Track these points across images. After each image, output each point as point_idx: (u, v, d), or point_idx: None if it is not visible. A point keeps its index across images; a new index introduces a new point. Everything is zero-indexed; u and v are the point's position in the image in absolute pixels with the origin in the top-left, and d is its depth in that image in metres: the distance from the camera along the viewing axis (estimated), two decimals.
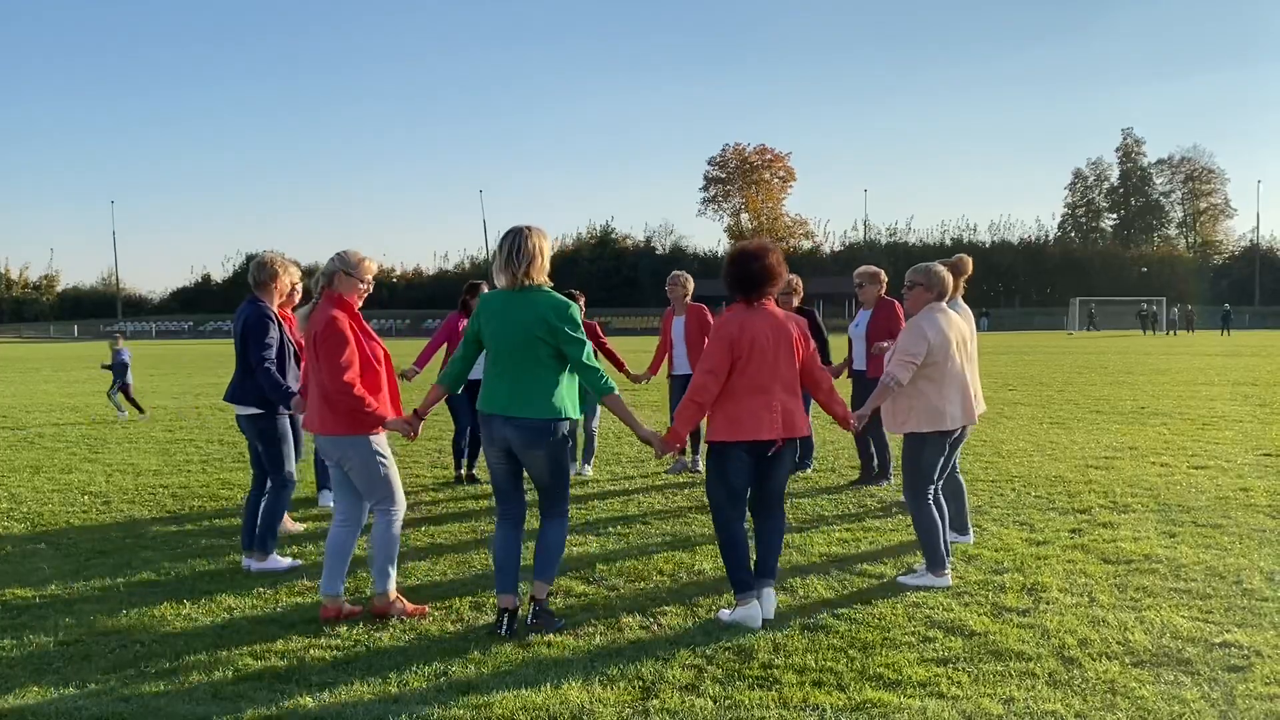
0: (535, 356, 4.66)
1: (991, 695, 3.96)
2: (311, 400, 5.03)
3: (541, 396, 4.68)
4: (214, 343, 65.65)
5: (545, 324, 4.64)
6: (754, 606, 4.88)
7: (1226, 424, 12.23)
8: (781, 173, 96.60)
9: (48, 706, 3.94)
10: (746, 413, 4.88)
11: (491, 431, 4.76)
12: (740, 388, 4.88)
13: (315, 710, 3.89)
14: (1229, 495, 7.76)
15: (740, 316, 4.94)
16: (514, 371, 4.69)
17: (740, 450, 4.91)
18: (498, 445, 4.78)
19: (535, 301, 4.68)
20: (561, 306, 4.68)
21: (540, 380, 4.68)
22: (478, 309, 4.83)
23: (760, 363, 4.87)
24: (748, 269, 4.95)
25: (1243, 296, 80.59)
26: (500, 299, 4.75)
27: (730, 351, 4.85)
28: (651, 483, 8.72)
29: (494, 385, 4.74)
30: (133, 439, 12.14)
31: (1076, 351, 33.44)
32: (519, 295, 4.71)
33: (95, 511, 7.75)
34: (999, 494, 7.96)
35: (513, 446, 4.74)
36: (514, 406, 4.67)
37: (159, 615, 5.10)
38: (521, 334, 4.65)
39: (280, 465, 5.99)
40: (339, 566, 5.02)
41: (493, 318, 4.73)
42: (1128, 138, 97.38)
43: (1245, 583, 5.42)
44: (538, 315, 4.65)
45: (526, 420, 4.66)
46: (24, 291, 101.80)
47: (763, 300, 5.00)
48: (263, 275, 6.04)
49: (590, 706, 3.89)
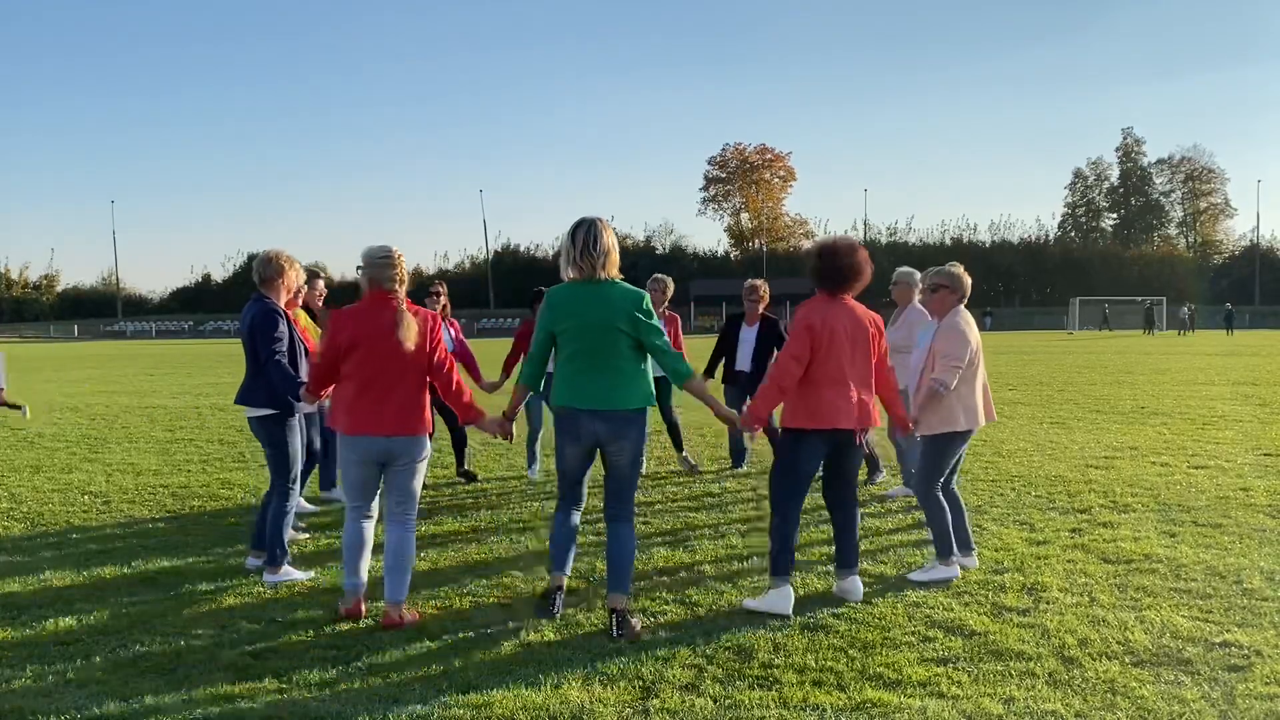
0: (618, 348, 4.72)
1: (991, 695, 3.96)
2: (382, 402, 4.84)
3: (630, 387, 4.75)
4: (214, 343, 65.63)
5: (626, 315, 4.70)
6: (786, 590, 5.03)
7: (1226, 424, 12.23)
8: (781, 172, 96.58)
9: (48, 706, 3.94)
10: (825, 402, 5.05)
11: (579, 426, 4.77)
12: (819, 378, 5.05)
13: (315, 710, 3.89)
14: (1229, 495, 7.76)
15: (823, 308, 5.10)
16: (599, 364, 4.72)
17: (818, 439, 5.09)
18: (585, 441, 4.80)
19: (613, 294, 4.73)
20: (638, 296, 4.77)
21: (625, 372, 4.74)
22: (549, 304, 4.82)
23: (839, 355, 5.06)
24: (836, 264, 5.11)
25: (1243, 296, 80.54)
26: (575, 292, 4.75)
27: (814, 341, 5.01)
28: (652, 483, 8.72)
29: (577, 380, 4.75)
30: (133, 439, 12.14)
31: (1076, 351, 33.43)
32: (596, 288, 4.73)
33: (95, 511, 7.75)
34: (999, 494, 7.96)
35: (601, 439, 4.78)
36: (604, 400, 4.72)
37: (159, 615, 5.10)
38: (602, 326, 4.69)
39: (287, 470, 5.83)
40: (360, 560, 5.03)
41: (568, 312, 4.74)
42: (1128, 138, 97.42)
43: (1245, 583, 5.42)
44: (619, 306, 4.70)
45: (620, 412, 4.73)
46: (24, 291, 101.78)
47: (845, 295, 5.17)
48: (268, 271, 5.95)
49: (590, 706, 3.89)
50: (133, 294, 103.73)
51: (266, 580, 5.69)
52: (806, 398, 5.07)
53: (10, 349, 47.25)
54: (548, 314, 4.81)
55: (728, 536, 6.66)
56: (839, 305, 5.14)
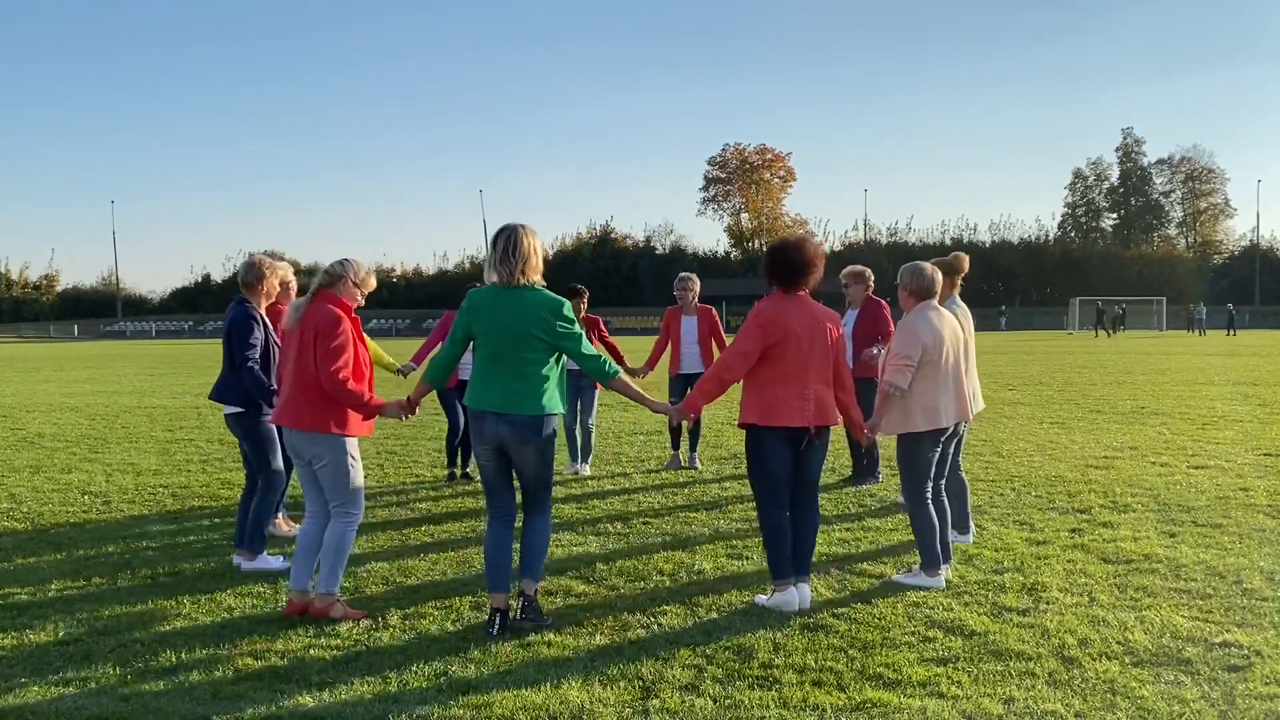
0: (528, 354, 4.73)
1: (991, 695, 3.96)
2: (284, 395, 5.05)
3: (534, 394, 4.75)
4: (214, 342, 65.59)
5: (541, 322, 4.72)
6: (791, 593, 5.06)
7: (1226, 424, 12.23)
8: (781, 173, 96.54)
9: (48, 706, 3.94)
10: (779, 400, 5.04)
11: (483, 428, 4.79)
12: (773, 375, 5.05)
13: (315, 710, 3.89)
14: (1229, 495, 7.76)
15: (777, 304, 5.11)
16: (506, 369, 4.74)
17: (776, 437, 5.07)
18: (489, 442, 4.81)
19: (529, 300, 4.74)
20: (556, 304, 4.77)
21: (532, 378, 4.75)
22: (467, 306, 4.85)
23: (795, 351, 5.03)
24: (788, 259, 5.13)
25: (1243, 296, 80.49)
26: (493, 296, 4.78)
27: (765, 337, 5.02)
28: (651, 482, 8.72)
29: (486, 382, 4.78)
30: (133, 439, 12.14)
31: (1076, 351, 33.43)
32: (512, 293, 4.75)
33: (95, 511, 7.75)
34: (999, 494, 7.96)
35: (505, 443, 4.78)
36: (507, 404, 4.73)
37: (159, 615, 5.10)
38: (515, 331, 4.71)
39: (267, 462, 6.03)
40: (308, 562, 5.05)
41: (485, 315, 4.76)
42: (1128, 138, 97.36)
43: (1245, 583, 5.42)
44: (533, 313, 4.72)
45: (520, 417, 4.73)
46: (24, 291, 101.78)
47: (800, 291, 5.17)
48: (250, 276, 6.13)
49: (590, 706, 3.89)
50: (133, 294, 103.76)
51: (243, 566, 5.86)
52: (762, 395, 5.08)
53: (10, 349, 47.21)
54: (466, 316, 4.84)
55: (728, 536, 6.66)
56: (795, 301, 5.14)
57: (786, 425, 5.04)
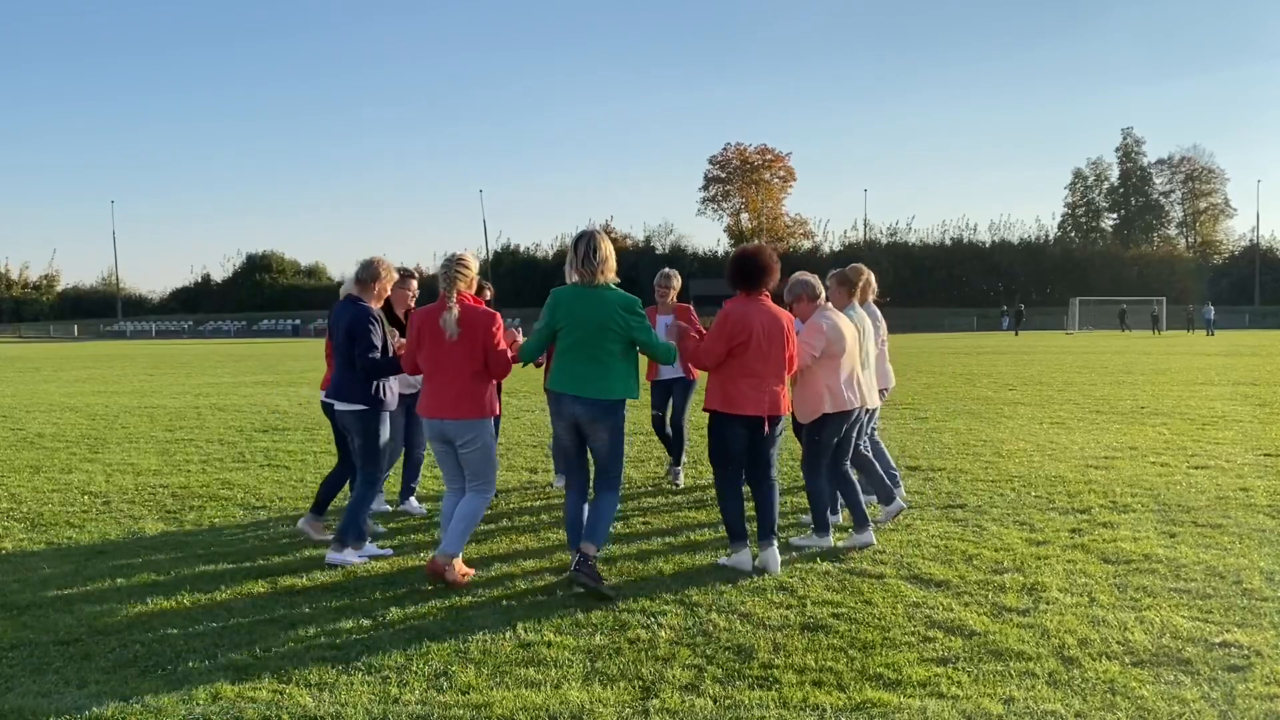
0: (605, 345, 5.39)
1: (991, 695, 3.96)
2: (443, 389, 5.50)
3: (608, 379, 5.41)
4: (214, 342, 65.64)
5: (617, 316, 5.39)
6: (745, 554, 5.79)
7: (1226, 424, 12.23)
8: (781, 173, 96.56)
9: (48, 706, 3.94)
10: (739, 392, 5.71)
11: (562, 408, 5.48)
12: (736, 370, 5.70)
13: (315, 710, 3.89)
14: (1229, 495, 7.76)
15: (741, 308, 5.74)
16: (584, 357, 5.40)
17: (736, 424, 5.73)
18: (566, 420, 5.49)
19: (607, 297, 5.42)
20: (630, 301, 5.47)
21: (607, 365, 5.41)
22: (553, 303, 5.50)
23: (755, 349, 5.68)
24: (746, 265, 5.79)
25: (1243, 296, 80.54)
26: (575, 294, 5.44)
27: (732, 337, 5.66)
28: (652, 482, 8.71)
29: (566, 368, 5.44)
30: (133, 439, 12.14)
31: (1076, 351, 33.43)
32: (593, 291, 5.42)
33: (95, 511, 7.75)
34: (999, 494, 7.96)
35: (580, 421, 5.45)
36: (584, 388, 5.39)
37: (159, 615, 5.10)
38: (595, 325, 5.38)
39: (376, 460, 6.11)
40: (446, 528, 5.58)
41: (569, 311, 5.42)
42: (1128, 138, 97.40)
43: (1245, 583, 5.42)
44: (610, 309, 5.39)
45: (595, 400, 5.39)
46: (24, 291, 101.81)
47: (760, 294, 5.80)
48: (365, 275, 6.17)
49: (590, 706, 3.89)
50: (133, 294, 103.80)
51: (328, 559, 5.96)
52: (726, 388, 5.74)
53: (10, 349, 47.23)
54: (552, 312, 5.47)
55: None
56: (756, 304, 5.77)
57: (744, 414, 5.69)
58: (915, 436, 11.44)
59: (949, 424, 12.59)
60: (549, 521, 7.13)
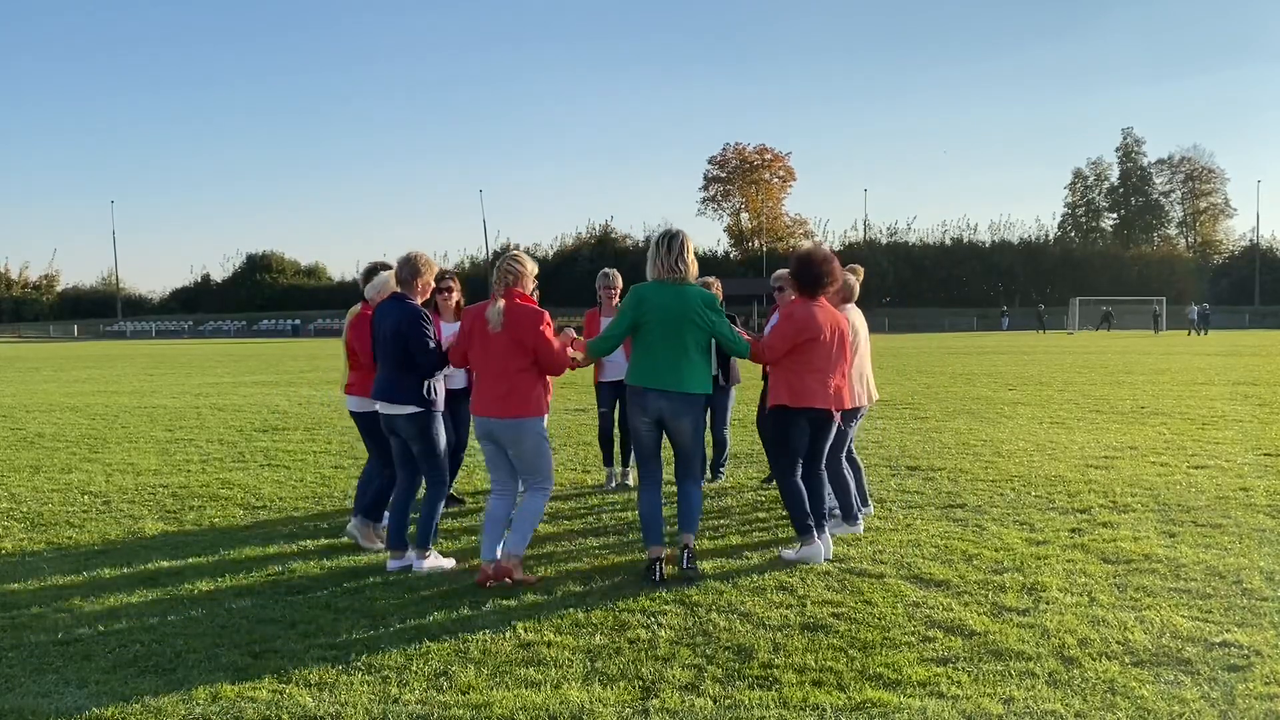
0: (688, 339, 5.55)
1: (991, 695, 3.96)
2: (490, 386, 5.51)
3: (691, 374, 5.58)
4: (214, 343, 65.63)
5: (700, 312, 5.56)
6: (816, 546, 5.90)
7: (1226, 424, 12.23)
8: (781, 172, 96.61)
9: (48, 706, 3.94)
10: (806, 386, 5.89)
11: (645, 403, 5.59)
12: (803, 366, 5.91)
13: (315, 710, 3.89)
14: (1229, 495, 7.76)
15: (806, 309, 5.96)
16: (668, 352, 5.53)
17: (802, 417, 5.92)
18: (650, 415, 5.61)
19: (690, 293, 5.59)
20: (711, 298, 5.67)
21: (690, 360, 5.58)
22: (636, 299, 5.59)
23: (824, 347, 5.92)
24: (814, 271, 5.99)
25: (1243, 296, 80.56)
26: (660, 289, 5.58)
27: (796, 334, 5.87)
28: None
29: (650, 364, 5.56)
30: (133, 439, 12.14)
31: (1076, 351, 33.43)
32: (678, 288, 5.58)
33: (95, 511, 7.74)
34: (999, 494, 7.96)
35: (664, 415, 5.59)
36: (670, 381, 5.53)
37: (159, 615, 5.10)
38: (679, 320, 5.52)
39: (438, 458, 5.98)
40: (496, 534, 5.58)
41: (655, 305, 5.53)
42: (1128, 138, 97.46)
43: (1245, 583, 5.42)
44: (694, 305, 5.56)
45: (680, 394, 5.55)
46: (24, 291, 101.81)
47: (821, 298, 6.01)
48: (408, 272, 5.96)
49: (590, 706, 3.89)
50: (133, 294, 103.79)
51: (415, 567, 5.83)
52: (791, 382, 5.90)
53: (10, 349, 47.26)
54: (636, 308, 5.56)
55: (728, 536, 6.66)
56: (818, 306, 5.98)
57: (811, 406, 5.88)
58: (915, 436, 11.43)
59: (949, 424, 12.59)
60: (547, 521, 7.12)
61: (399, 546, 5.97)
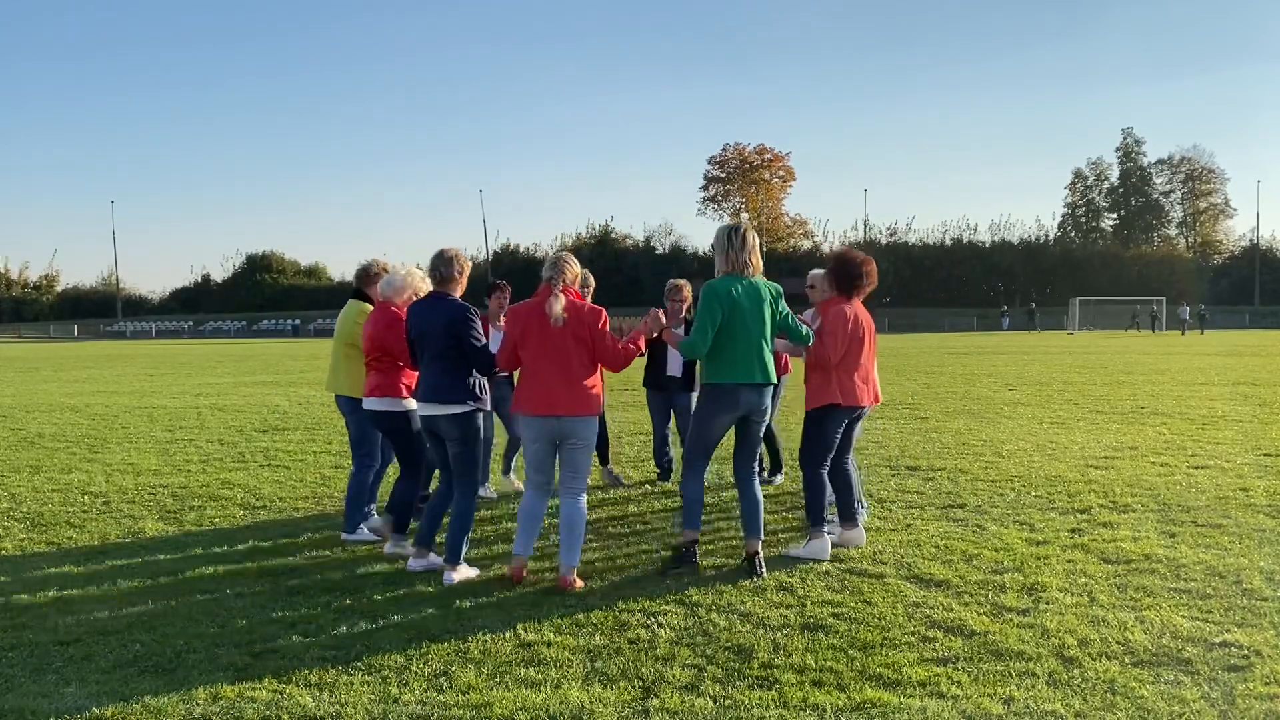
0: (765, 331, 5.64)
1: (991, 695, 3.96)
2: (550, 383, 5.41)
3: (771, 364, 5.70)
4: (214, 343, 65.61)
5: (773, 303, 5.68)
6: (824, 540, 6.01)
7: (1226, 424, 12.23)
8: (781, 172, 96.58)
9: (48, 706, 3.94)
10: (853, 386, 6.09)
11: (739, 399, 5.60)
12: (843, 364, 6.09)
13: (315, 710, 3.89)
14: (1229, 495, 7.76)
15: (846, 310, 6.13)
16: (752, 345, 5.56)
17: (843, 414, 6.10)
18: (741, 410, 5.64)
19: (762, 286, 5.65)
20: (779, 289, 5.77)
21: (768, 351, 5.67)
22: (720, 295, 5.54)
23: (859, 346, 6.13)
24: (853, 272, 6.19)
25: (1243, 296, 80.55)
26: (734, 284, 5.58)
27: (849, 335, 6.06)
28: (652, 485, 8.71)
29: (736, 359, 5.54)
30: (133, 439, 12.14)
31: (1076, 351, 33.43)
32: (752, 282, 5.63)
33: (95, 511, 7.74)
34: (999, 494, 7.96)
35: (752, 407, 5.66)
36: (759, 374, 5.60)
37: (159, 615, 5.10)
38: (759, 314, 5.60)
39: (477, 465, 5.76)
40: (533, 530, 5.57)
41: (735, 300, 5.54)
42: (1128, 138, 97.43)
43: (1245, 583, 5.42)
44: (768, 297, 5.66)
45: (767, 385, 5.67)
46: (24, 291, 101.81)
47: (856, 298, 6.22)
48: (450, 271, 5.78)
49: (590, 706, 3.89)
50: (133, 294, 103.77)
51: (447, 580, 5.56)
52: (837, 380, 6.05)
53: (10, 349, 47.24)
54: (719, 303, 5.51)
55: (727, 536, 6.66)
56: (854, 306, 6.18)
57: (854, 404, 6.09)
58: (915, 436, 11.43)
59: (949, 424, 12.59)
60: (546, 521, 7.12)
61: (425, 545, 5.87)
